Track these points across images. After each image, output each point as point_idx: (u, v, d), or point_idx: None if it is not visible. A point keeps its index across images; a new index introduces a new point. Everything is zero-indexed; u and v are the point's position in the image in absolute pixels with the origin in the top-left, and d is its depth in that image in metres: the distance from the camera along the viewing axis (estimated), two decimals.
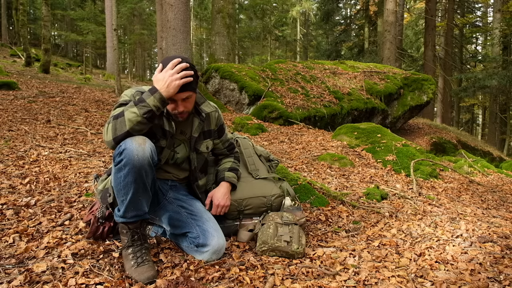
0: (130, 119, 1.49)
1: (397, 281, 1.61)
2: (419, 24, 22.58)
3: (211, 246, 1.65)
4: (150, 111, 1.50)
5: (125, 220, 1.56)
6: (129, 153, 1.45)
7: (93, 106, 6.12)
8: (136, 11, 22.17)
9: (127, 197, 1.51)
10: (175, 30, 6.40)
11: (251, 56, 30.37)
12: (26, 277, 1.39)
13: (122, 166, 1.47)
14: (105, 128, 1.54)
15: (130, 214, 1.55)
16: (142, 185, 1.51)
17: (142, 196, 1.54)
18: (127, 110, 1.51)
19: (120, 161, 1.47)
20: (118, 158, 1.48)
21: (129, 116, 1.49)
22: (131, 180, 1.47)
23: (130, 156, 1.45)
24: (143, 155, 1.46)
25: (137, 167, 1.46)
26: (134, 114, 1.49)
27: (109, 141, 1.52)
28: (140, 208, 1.56)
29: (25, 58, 12.24)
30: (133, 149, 1.46)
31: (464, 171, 4.78)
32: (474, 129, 29.19)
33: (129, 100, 1.64)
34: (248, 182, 2.04)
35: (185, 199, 1.84)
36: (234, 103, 7.41)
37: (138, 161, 1.45)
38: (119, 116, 1.51)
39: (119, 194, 1.52)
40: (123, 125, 1.49)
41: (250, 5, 22.93)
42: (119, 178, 1.49)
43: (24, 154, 3.11)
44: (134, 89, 1.71)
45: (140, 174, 1.48)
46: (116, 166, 1.50)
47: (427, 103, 9.62)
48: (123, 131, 1.49)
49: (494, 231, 2.36)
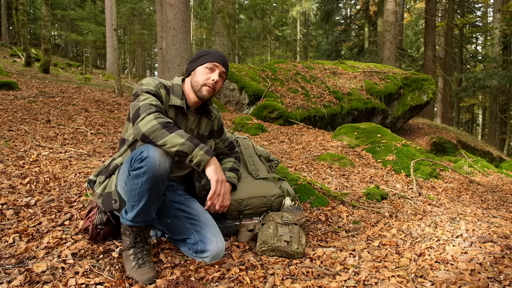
0: (167, 141, 1.50)
1: (397, 281, 1.61)
2: (419, 24, 22.58)
3: (210, 252, 1.64)
4: (185, 155, 1.52)
5: (133, 224, 1.55)
6: (151, 162, 1.44)
7: (93, 106, 6.12)
8: (136, 11, 22.19)
9: (140, 204, 1.50)
10: (175, 30, 6.40)
11: (251, 56, 30.37)
12: (26, 277, 1.39)
13: (142, 173, 1.45)
14: (145, 118, 1.54)
15: (139, 219, 1.54)
16: (156, 194, 1.51)
17: (153, 204, 1.54)
18: (177, 135, 1.52)
19: (140, 168, 1.46)
20: (138, 164, 1.46)
21: (171, 140, 1.50)
22: (147, 188, 1.47)
23: (151, 166, 1.44)
24: (164, 166, 1.47)
25: (157, 177, 1.46)
26: (174, 144, 1.50)
27: (140, 132, 1.53)
28: (149, 215, 1.56)
29: (25, 58, 12.24)
30: (156, 159, 1.45)
31: (464, 171, 4.78)
32: (474, 129, 29.19)
33: (154, 90, 1.67)
34: (248, 182, 2.04)
35: (183, 201, 1.82)
36: (234, 103, 7.41)
37: (158, 171, 1.45)
38: (167, 127, 1.52)
39: (131, 199, 1.51)
40: (160, 138, 1.50)
41: (250, 5, 22.94)
42: (135, 185, 1.47)
43: (24, 154, 3.11)
44: (157, 81, 1.74)
45: (157, 184, 1.48)
46: (133, 171, 1.47)
47: (427, 103, 9.62)
48: (154, 140, 1.51)
49: (494, 231, 2.36)
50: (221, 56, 1.82)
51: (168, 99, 1.74)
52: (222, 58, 1.81)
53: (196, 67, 1.79)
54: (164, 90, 1.73)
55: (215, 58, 1.78)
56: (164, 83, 1.76)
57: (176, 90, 1.78)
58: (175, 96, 1.76)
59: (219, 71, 1.78)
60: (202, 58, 1.79)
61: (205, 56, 1.79)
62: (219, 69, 1.78)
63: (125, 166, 1.55)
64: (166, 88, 1.75)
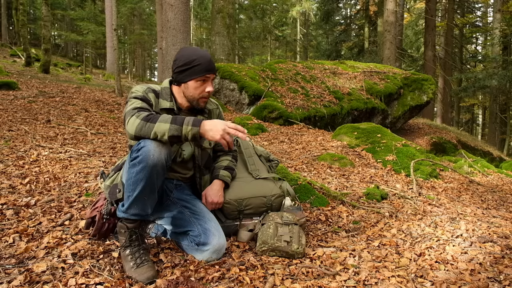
0: (157, 131, 1.53)
1: (397, 281, 1.61)
2: (419, 24, 22.58)
3: (211, 245, 1.66)
4: (178, 137, 1.54)
5: (126, 216, 1.58)
6: (146, 151, 1.50)
7: (93, 106, 6.12)
8: (136, 11, 22.18)
9: (134, 193, 1.54)
10: (175, 30, 6.40)
11: (251, 56, 30.37)
12: (26, 277, 1.39)
13: (137, 162, 1.51)
14: (129, 120, 1.58)
15: (132, 212, 1.57)
16: (151, 185, 1.54)
17: (147, 197, 1.57)
18: (160, 122, 1.54)
19: (136, 157, 1.52)
20: (135, 154, 1.53)
21: (158, 129, 1.53)
22: (141, 177, 1.51)
23: (146, 155, 1.50)
24: (158, 156, 1.51)
25: (151, 166, 1.50)
26: (163, 131, 1.52)
27: (131, 135, 1.58)
28: (143, 209, 1.58)
29: (25, 58, 12.24)
30: (151, 149, 1.51)
31: (464, 171, 4.78)
32: (474, 129, 29.18)
33: (141, 95, 1.71)
34: (248, 182, 2.04)
35: (189, 199, 1.86)
36: (234, 103, 7.41)
37: (152, 160, 1.50)
38: (150, 120, 1.55)
39: (128, 189, 1.56)
40: (149, 132, 1.53)
41: (250, 5, 22.92)
42: (131, 173, 1.53)
43: (24, 154, 3.11)
44: (145, 86, 1.78)
45: (151, 174, 1.52)
46: (131, 161, 1.54)
47: (427, 103, 9.62)
48: (146, 135, 1.54)
49: (494, 231, 2.36)
50: (208, 63, 1.75)
51: (157, 102, 1.78)
52: (210, 66, 1.75)
53: (187, 81, 1.76)
54: (153, 94, 1.78)
55: (204, 69, 1.74)
56: (153, 88, 1.80)
57: (164, 94, 1.81)
58: (164, 99, 1.80)
59: (211, 79, 1.79)
60: (190, 70, 1.74)
61: (196, 67, 1.73)
62: (210, 78, 1.78)
63: (128, 158, 1.62)
64: (155, 92, 1.79)
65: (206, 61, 1.75)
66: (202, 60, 1.74)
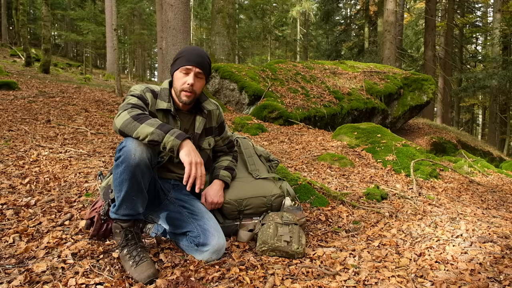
0: (139, 132, 1.51)
1: (397, 281, 1.61)
2: (419, 24, 22.57)
3: (211, 246, 1.65)
4: (157, 143, 1.52)
5: (117, 217, 1.58)
6: (127, 151, 1.49)
7: (93, 106, 6.12)
8: (136, 11, 22.16)
9: (121, 194, 1.53)
10: (175, 30, 6.40)
11: (251, 56, 30.36)
12: (26, 277, 1.39)
13: (120, 163, 1.50)
14: (120, 114, 1.58)
15: (123, 212, 1.56)
16: (136, 185, 1.53)
17: (135, 196, 1.55)
18: (146, 124, 1.52)
19: (119, 158, 1.51)
20: (118, 154, 1.53)
21: (142, 131, 1.51)
22: (125, 177, 1.50)
23: (127, 155, 1.49)
24: (140, 155, 1.49)
25: (133, 166, 1.48)
26: (145, 134, 1.51)
27: (116, 128, 1.58)
28: (133, 208, 1.57)
29: (25, 58, 12.23)
30: (132, 148, 1.49)
31: (464, 171, 4.78)
32: (474, 129, 29.18)
33: (138, 93, 1.72)
34: (248, 182, 2.04)
35: (187, 199, 1.85)
36: (234, 103, 7.41)
37: (134, 160, 1.48)
38: (138, 119, 1.54)
39: (115, 190, 1.55)
40: (133, 130, 1.52)
41: (250, 5, 22.93)
42: (116, 174, 1.52)
43: (24, 154, 3.11)
44: (144, 86, 1.78)
45: (134, 174, 1.50)
46: (115, 161, 1.54)
47: (427, 103, 9.62)
48: (129, 133, 1.54)
49: (494, 231, 2.36)
50: (195, 56, 1.74)
51: (154, 102, 1.76)
52: (196, 58, 1.74)
53: (174, 71, 1.78)
54: (151, 94, 1.77)
55: (187, 60, 1.73)
56: (152, 88, 1.79)
57: (163, 94, 1.80)
58: (162, 100, 1.78)
59: (194, 73, 1.74)
60: (177, 61, 1.77)
61: (179, 59, 1.76)
62: (193, 71, 1.74)
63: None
64: (154, 92, 1.79)
65: (190, 54, 1.75)
66: (187, 52, 1.76)
